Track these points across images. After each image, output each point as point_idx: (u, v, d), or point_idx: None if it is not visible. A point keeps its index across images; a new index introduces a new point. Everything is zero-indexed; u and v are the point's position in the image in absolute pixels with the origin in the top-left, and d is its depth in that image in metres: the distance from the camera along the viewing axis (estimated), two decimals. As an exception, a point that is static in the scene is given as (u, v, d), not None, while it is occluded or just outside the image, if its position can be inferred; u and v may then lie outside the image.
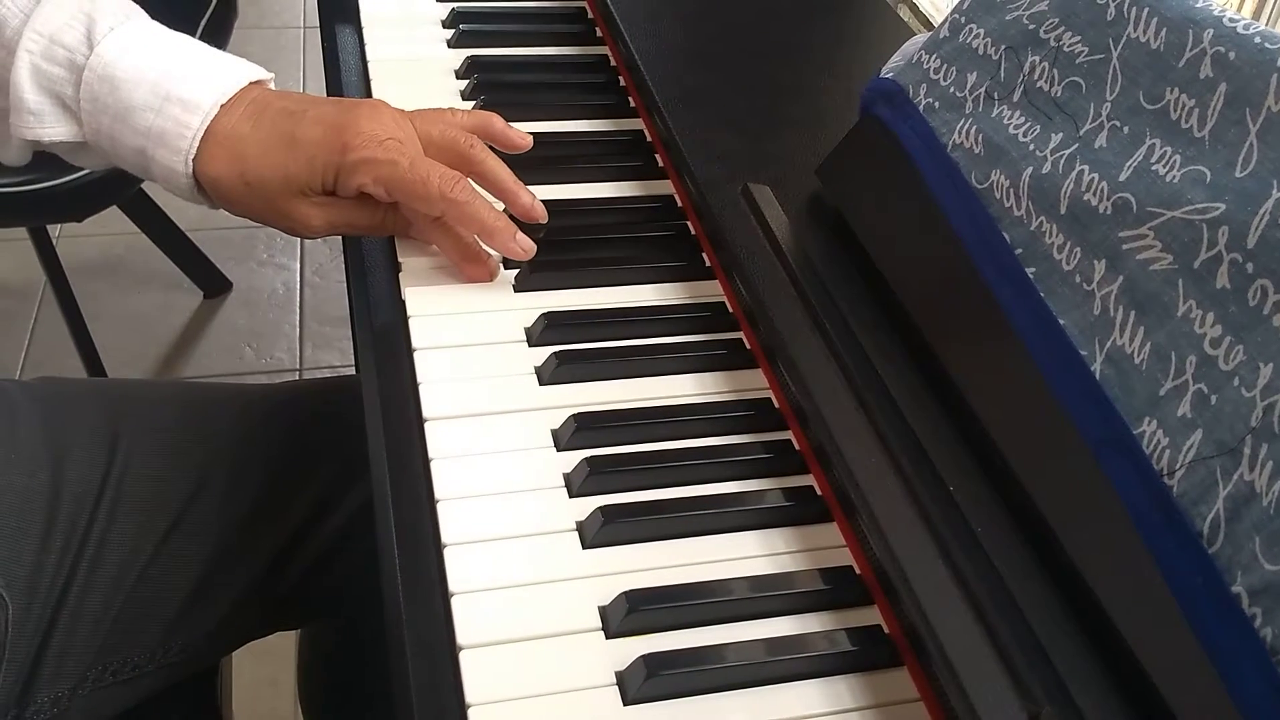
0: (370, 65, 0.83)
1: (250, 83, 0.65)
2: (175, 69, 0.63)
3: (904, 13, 0.88)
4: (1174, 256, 0.47)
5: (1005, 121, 0.57)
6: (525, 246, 0.65)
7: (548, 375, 0.60)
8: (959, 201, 0.57)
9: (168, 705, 0.75)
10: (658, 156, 0.77)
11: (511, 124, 0.71)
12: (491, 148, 0.68)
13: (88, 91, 0.62)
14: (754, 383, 0.62)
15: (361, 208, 0.65)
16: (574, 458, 0.56)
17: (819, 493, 0.56)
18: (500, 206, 0.67)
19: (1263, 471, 0.41)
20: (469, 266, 0.65)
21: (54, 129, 0.64)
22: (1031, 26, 0.58)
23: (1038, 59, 0.57)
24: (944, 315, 0.56)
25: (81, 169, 1.25)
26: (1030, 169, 0.54)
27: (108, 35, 0.62)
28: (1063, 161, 0.53)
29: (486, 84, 0.81)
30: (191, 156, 0.63)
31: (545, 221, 0.67)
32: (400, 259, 0.67)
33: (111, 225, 1.70)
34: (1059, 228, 0.52)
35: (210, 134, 0.63)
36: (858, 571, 0.52)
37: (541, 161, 0.75)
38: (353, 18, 0.89)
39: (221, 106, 0.63)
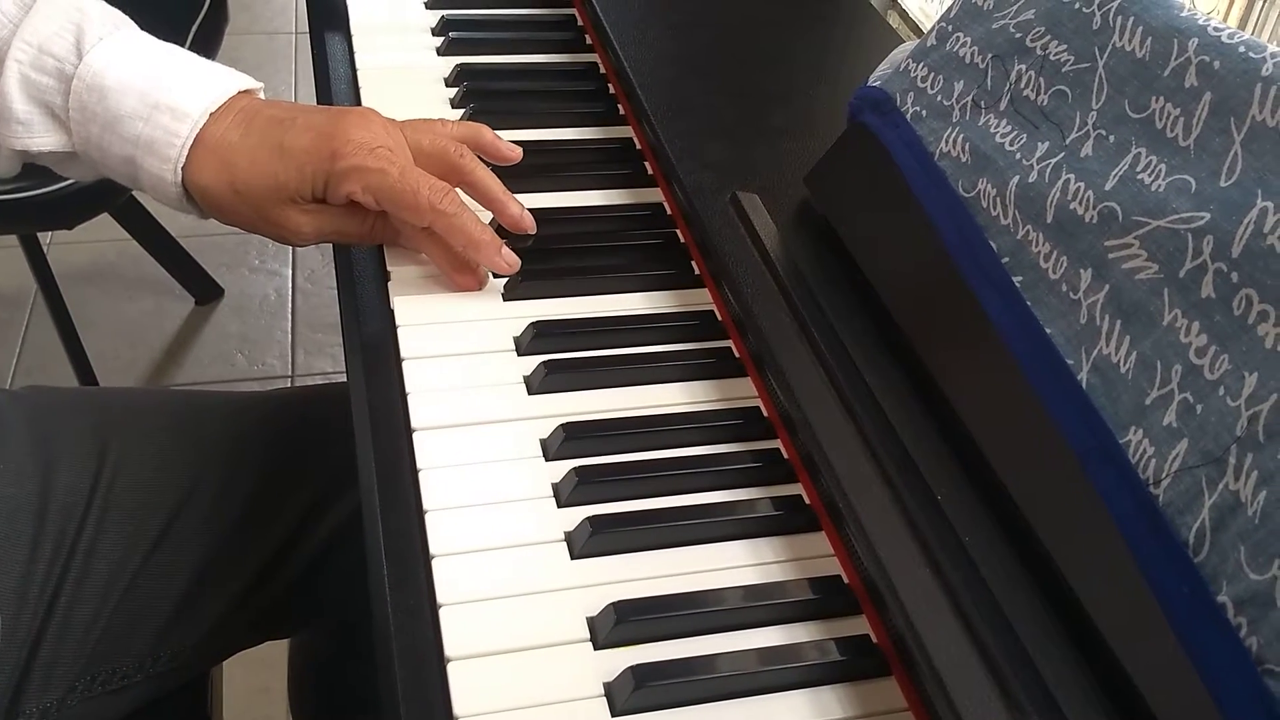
0: (360, 73, 0.83)
1: (239, 91, 0.65)
2: (164, 78, 0.63)
3: (893, 20, 0.89)
4: (1159, 266, 0.47)
5: (992, 130, 0.57)
6: (510, 261, 0.65)
7: (536, 384, 0.60)
8: (946, 210, 0.57)
9: (157, 715, 0.74)
10: (647, 164, 0.77)
11: (501, 132, 0.71)
12: (481, 159, 0.68)
13: (76, 101, 0.62)
14: (742, 391, 0.62)
15: (351, 216, 0.65)
16: (562, 467, 0.56)
17: (807, 502, 0.56)
18: (489, 217, 0.67)
19: (1248, 481, 0.41)
20: (458, 275, 0.65)
21: (43, 138, 0.64)
22: (1018, 35, 0.58)
23: (1024, 68, 0.57)
24: (931, 324, 0.56)
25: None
26: (1017, 178, 0.54)
27: (97, 45, 0.62)
28: (1049, 170, 0.53)
29: (476, 91, 0.81)
30: (180, 165, 0.62)
31: (534, 232, 0.67)
32: (389, 267, 0.67)
33: (102, 232, 1.70)
34: (1045, 236, 0.52)
35: (199, 142, 0.63)
36: (846, 581, 0.52)
37: (530, 169, 0.75)
38: (342, 25, 0.89)
39: (211, 115, 0.63)
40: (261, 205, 0.63)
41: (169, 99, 0.62)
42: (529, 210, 0.68)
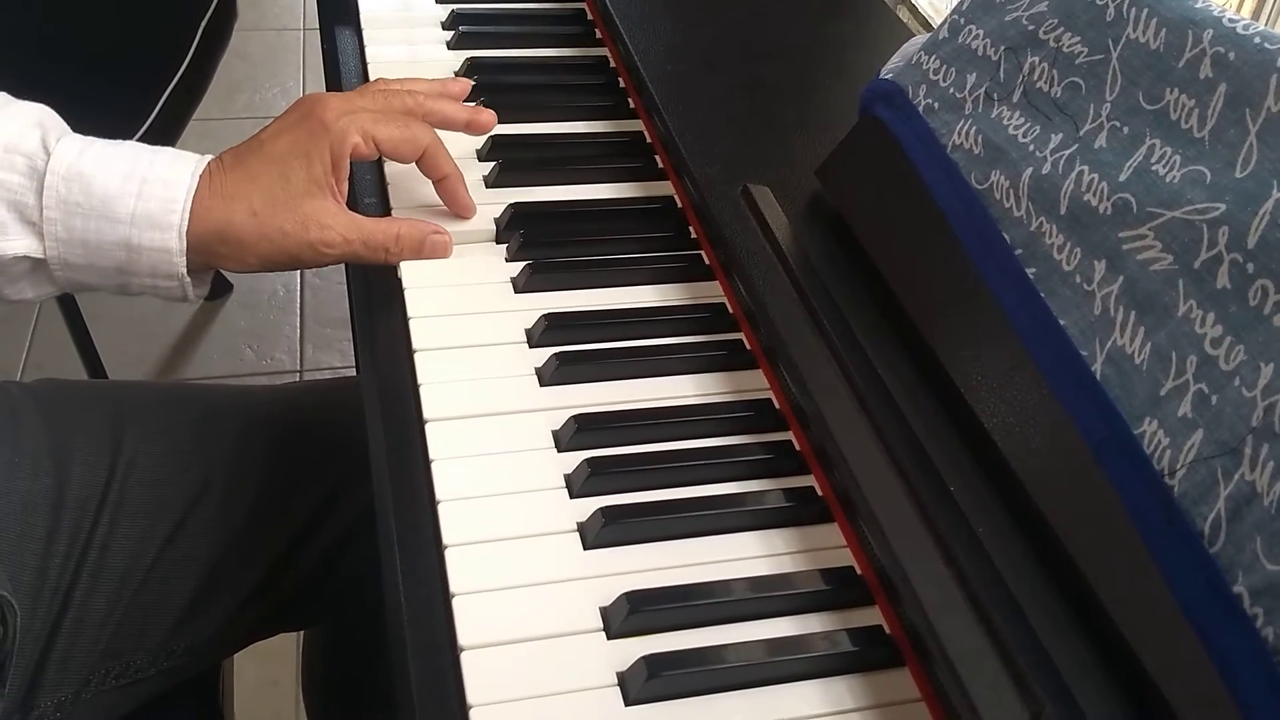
0: (370, 67, 0.83)
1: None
2: (140, 157, 0.62)
3: (903, 14, 0.89)
4: (1174, 257, 0.47)
5: (1005, 122, 0.57)
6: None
7: (548, 376, 0.60)
8: (959, 202, 0.57)
9: (168, 707, 0.75)
10: (657, 158, 0.77)
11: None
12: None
13: (53, 196, 0.60)
14: (754, 383, 0.62)
15: (377, 220, 0.66)
16: (575, 458, 0.56)
17: (819, 493, 0.56)
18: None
19: (1264, 471, 0.41)
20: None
21: (15, 242, 0.61)
22: (1031, 27, 0.58)
23: (1037, 60, 0.57)
24: (944, 316, 0.56)
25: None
26: (1030, 169, 0.54)
27: (61, 139, 0.62)
28: (1062, 162, 0.53)
29: (486, 85, 0.81)
30: (184, 230, 0.61)
31: (494, 124, 0.72)
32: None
33: (112, 227, 1.69)
34: (1059, 228, 0.52)
35: (197, 199, 0.62)
36: (858, 572, 0.52)
37: (541, 163, 0.75)
38: (352, 19, 0.89)
39: (199, 176, 0.63)
40: (285, 214, 0.62)
41: (154, 172, 0.62)
42: (542, 201, 0.68)
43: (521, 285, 0.66)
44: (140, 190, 0.61)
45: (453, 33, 0.87)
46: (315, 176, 0.63)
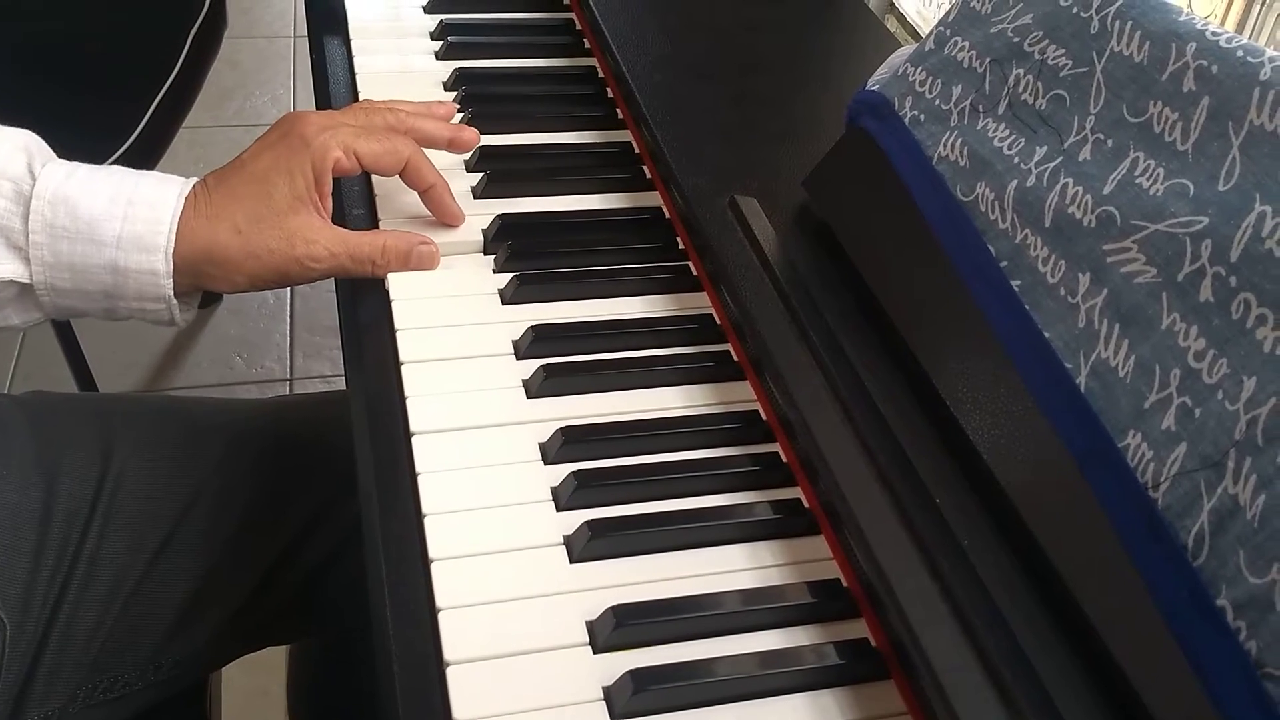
0: (358, 76, 0.83)
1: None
2: (125, 180, 0.62)
3: (891, 24, 0.89)
4: (1158, 270, 0.47)
5: (990, 134, 0.57)
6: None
7: (535, 388, 0.60)
8: (944, 214, 0.57)
9: (156, 718, 0.74)
10: (645, 168, 0.77)
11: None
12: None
13: (39, 220, 0.60)
14: (741, 395, 0.62)
15: (362, 233, 0.66)
16: (561, 471, 0.56)
17: (806, 505, 0.56)
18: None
19: (1246, 485, 0.41)
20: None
21: (2, 266, 0.61)
22: (1016, 40, 0.58)
23: (1022, 72, 0.57)
24: (930, 328, 0.56)
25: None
26: (1015, 182, 0.54)
27: (47, 164, 0.62)
28: (1047, 174, 0.53)
29: (474, 95, 0.81)
30: (170, 251, 0.61)
31: (477, 141, 0.73)
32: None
33: (101, 235, 1.69)
34: (1044, 241, 0.52)
35: (182, 221, 0.62)
36: (845, 584, 0.52)
37: (529, 173, 0.75)
38: (341, 28, 0.89)
39: (185, 199, 0.63)
40: (269, 231, 0.63)
41: (140, 194, 0.62)
42: (530, 212, 0.68)
43: (509, 296, 0.66)
44: (126, 213, 0.61)
45: (441, 43, 0.87)
46: (298, 192, 0.63)
